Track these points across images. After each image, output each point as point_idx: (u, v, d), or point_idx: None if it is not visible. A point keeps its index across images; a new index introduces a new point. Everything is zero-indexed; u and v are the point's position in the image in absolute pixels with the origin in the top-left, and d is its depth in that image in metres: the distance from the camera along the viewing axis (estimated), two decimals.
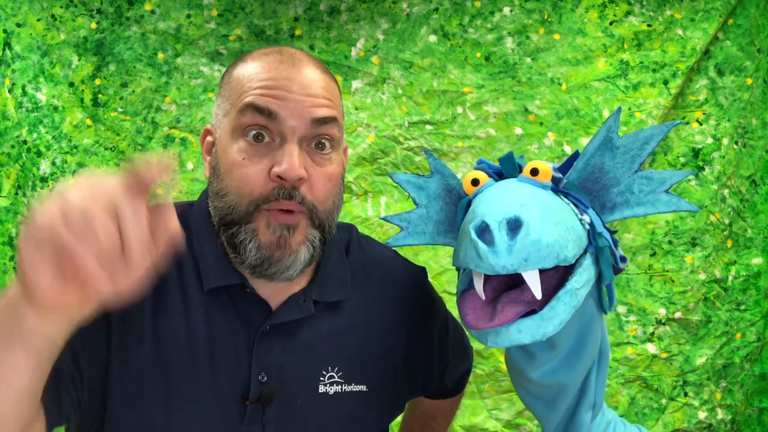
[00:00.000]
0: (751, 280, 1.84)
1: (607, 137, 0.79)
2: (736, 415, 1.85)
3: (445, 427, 1.16)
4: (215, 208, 0.79)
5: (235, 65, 0.82)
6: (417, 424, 1.15)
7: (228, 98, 0.79)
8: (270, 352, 0.80)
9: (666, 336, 1.82)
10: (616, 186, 0.79)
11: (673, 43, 1.82)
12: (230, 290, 0.81)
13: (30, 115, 1.74)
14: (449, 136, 1.82)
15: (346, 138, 1.81)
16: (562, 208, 0.73)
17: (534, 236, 0.64)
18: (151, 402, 0.77)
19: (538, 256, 0.64)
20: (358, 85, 1.84)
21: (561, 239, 0.66)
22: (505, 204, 0.69)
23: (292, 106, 0.74)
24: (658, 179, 0.78)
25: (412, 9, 1.83)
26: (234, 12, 1.81)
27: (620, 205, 0.79)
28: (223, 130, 0.79)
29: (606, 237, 0.76)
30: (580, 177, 0.80)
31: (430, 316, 0.97)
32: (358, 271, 0.91)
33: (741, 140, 1.85)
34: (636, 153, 0.78)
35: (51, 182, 1.74)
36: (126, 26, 1.78)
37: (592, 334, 0.80)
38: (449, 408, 1.14)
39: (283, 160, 0.73)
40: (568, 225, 0.70)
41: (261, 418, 0.78)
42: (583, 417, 0.83)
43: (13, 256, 1.76)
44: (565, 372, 0.79)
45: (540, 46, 1.82)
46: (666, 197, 0.77)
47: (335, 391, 0.83)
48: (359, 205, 1.82)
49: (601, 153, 0.79)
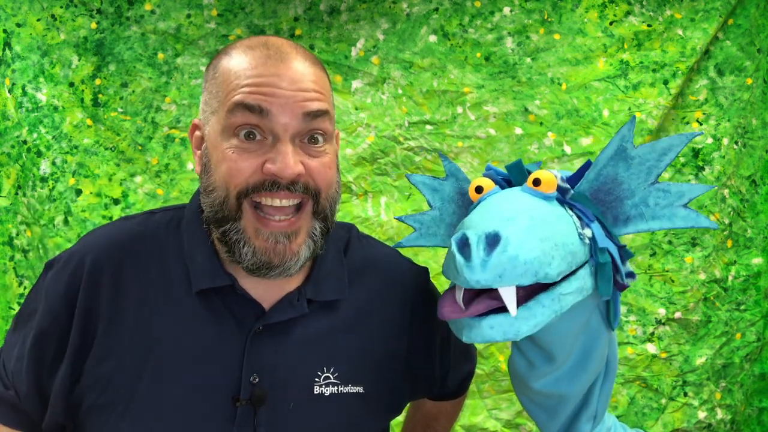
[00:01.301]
0: (751, 280, 1.84)
1: (621, 147, 0.76)
2: (735, 415, 1.85)
3: (448, 428, 1.15)
4: (206, 204, 0.78)
5: (220, 58, 0.79)
6: (419, 426, 1.14)
7: (215, 95, 0.77)
8: (262, 353, 0.79)
9: (666, 336, 1.82)
10: (630, 198, 0.76)
11: (673, 43, 1.82)
12: (220, 291, 0.80)
13: (30, 115, 1.74)
14: (449, 136, 1.82)
15: (346, 138, 1.81)
16: (559, 221, 0.72)
17: (511, 252, 0.64)
18: (140, 405, 0.76)
19: (514, 273, 0.65)
20: (358, 85, 1.84)
21: (544, 256, 0.66)
22: (491, 218, 0.69)
23: (283, 103, 0.73)
24: (675, 192, 0.74)
25: (412, 9, 1.83)
26: (234, 12, 1.81)
27: (634, 218, 0.76)
28: (213, 128, 0.77)
29: (611, 252, 0.74)
30: (592, 188, 0.77)
31: (432, 317, 0.94)
32: (358, 270, 0.89)
33: (741, 140, 1.85)
34: (653, 164, 0.75)
35: (51, 182, 1.74)
36: (126, 26, 1.78)
37: (598, 348, 0.79)
38: (452, 410, 1.12)
39: (277, 159, 0.72)
40: (558, 241, 0.69)
41: (253, 419, 0.77)
42: (582, 427, 0.82)
43: (13, 256, 1.76)
44: (567, 384, 0.79)
45: (540, 46, 1.82)
46: (684, 212, 0.74)
47: (331, 392, 0.82)
48: (359, 205, 1.82)
49: (615, 163, 0.76)
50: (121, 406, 0.76)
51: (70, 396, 0.78)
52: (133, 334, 0.78)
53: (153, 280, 0.80)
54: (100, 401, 0.77)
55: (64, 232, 1.72)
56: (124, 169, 1.78)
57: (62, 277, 0.80)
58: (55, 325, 0.78)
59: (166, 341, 0.78)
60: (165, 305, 0.79)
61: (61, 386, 0.78)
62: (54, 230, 1.72)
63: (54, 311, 0.79)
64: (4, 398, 0.83)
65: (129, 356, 0.77)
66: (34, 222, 1.75)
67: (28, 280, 1.76)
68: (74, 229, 1.72)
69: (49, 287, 0.80)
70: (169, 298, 0.79)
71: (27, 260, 1.76)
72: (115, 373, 0.77)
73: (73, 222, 1.72)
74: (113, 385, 0.77)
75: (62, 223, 1.73)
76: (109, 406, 0.77)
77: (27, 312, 0.83)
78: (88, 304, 0.78)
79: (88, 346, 0.78)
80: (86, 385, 0.78)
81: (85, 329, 0.78)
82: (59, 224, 1.73)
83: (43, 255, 1.73)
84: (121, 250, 0.81)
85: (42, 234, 1.73)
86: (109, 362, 0.77)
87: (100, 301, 0.78)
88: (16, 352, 0.82)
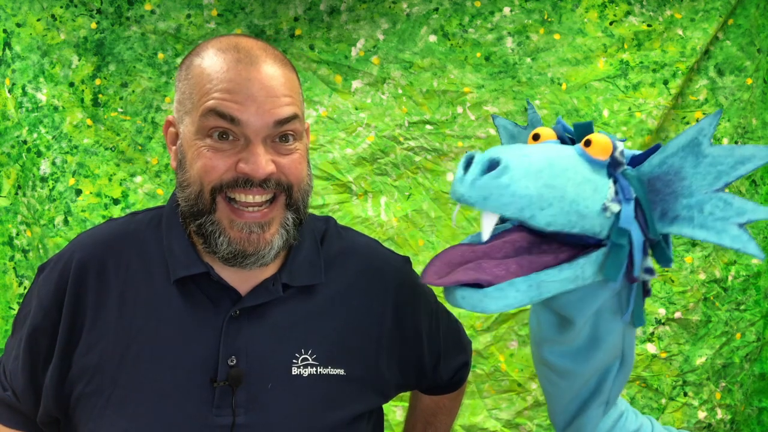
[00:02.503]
0: (751, 280, 1.85)
1: (696, 140, 0.69)
2: (735, 415, 1.85)
3: (448, 424, 1.16)
4: (181, 198, 0.82)
5: (192, 59, 0.82)
6: (419, 423, 1.15)
7: (189, 96, 0.80)
8: (239, 336, 0.82)
9: (666, 336, 1.82)
10: (687, 197, 0.70)
11: (673, 43, 1.82)
12: (197, 280, 0.83)
13: (30, 115, 1.74)
14: (449, 136, 1.82)
15: (346, 138, 1.81)
16: (585, 183, 0.68)
17: (504, 180, 0.63)
18: (123, 391, 0.80)
19: (500, 201, 0.64)
20: (358, 85, 1.84)
21: (539, 198, 0.64)
22: (513, 150, 0.67)
23: (254, 110, 0.76)
24: (737, 207, 0.67)
25: (412, 9, 1.83)
26: (234, 12, 1.81)
27: (682, 220, 0.69)
28: (187, 127, 0.80)
29: (632, 238, 0.70)
30: (653, 173, 0.72)
31: (416, 304, 0.98)
32: (335, 259, 0.92)
33: (741, 140, 1.85)
34: (725, 170, 0.68)
35: (51, 182, 1.74)
36: (126, 26, 1.78)
37: (609, 336, 0.77)
38: (450, 405, 1.14)
39: (249, 159, 0.76)
40: (568, 195, 0.66)
41: (231, 400, 0.80)
42: (593, 411, 0.82)
43: (13, 256, 1.76)
44: (572, 363, 0.79)
45: (540, 46, 1.82)
46: (737, 231, 0.66)
47: (310, 373, 0.84)
48: (359, 205, 1.82)
49: (684, 155, 0.70)
50: (106, 393, 0.80)
51: (61, 387, 0.82)
52: (116, 325, 0.82)
53: (134, 274, 0.84)
54: (87, 390, 0.81)
55: (64, 232, 1.72)
56: (124, 169, 1.78)
57: (53, 276, 0.85)
58: (47, 321, 0.83)
59: (146, 329, 0.82)
60: (145, 295, 0.83)
61: (51, 378, 0.82)
62: (54, 230, 1.72)
63: (45, 307, 0.84)
64: (3, 399, 0.87)
65: (112, 345, 0.81)
66: (34, 222, 1.75)
67: (28, 280, 1.76)
68: (74, 229, 1.72)
69: (40, 287, 0.86)
70: (149, 288, 0.84)
71: (27, 260, 1.76)
72: (100, 362, 0.81)
73: (73, 222, 1.72)
74: (99, 374, 0.81)
75: (62, 223, 1.73)
76: (95, 394, 0.81)
77: (22, 315, 0.88)
78: (75, 299, 0.83)
79: (76, 338, 0.82)
80: (75, 375, 0.82)
81: (73, 322, 0.83)
82: (59, 224, 1.73)
83: (43, 255, 1.74)
84: (105, 247, 0.86)
85: (42, 234, 1.73)
86: (95, 352, 0.81)
87: (86, 295, 0.83)
88: (14, 353, 0.87)
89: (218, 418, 0.80)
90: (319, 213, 1.80)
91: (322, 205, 1.81)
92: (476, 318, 1.81)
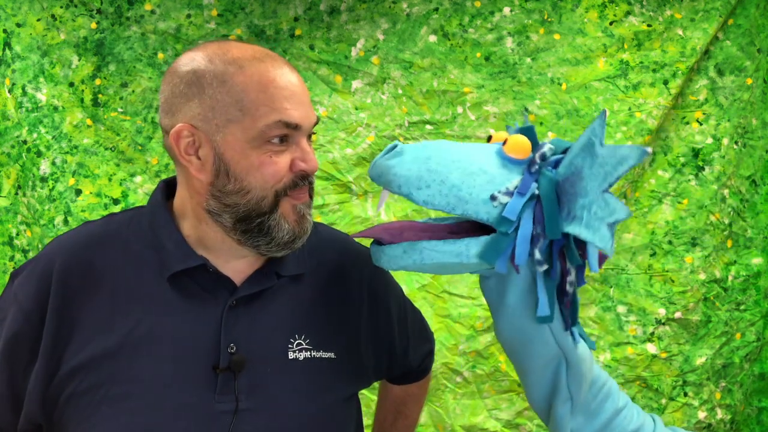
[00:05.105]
0: (751, 280, 1.85)
1: (590, 141, 0.73)
2: (735, 415, 1.85)
3: (417, 412, 1.24)
4: (232, 205, 0.84)
5: (225, 69, 0.82)
6: (390, 414, 1.21)
7: (233, 104, 0.81)
8: (237, 324, 0.85)
9: (666, 336, 1.82)
10: (583, 197, 0.73)
11: (673, 43, 1.82)
12: (192, 273, 0.85)
13: (30, 115, 1.74)
14: (449, 136, 1.82)
15: (346, 138, 1.82)
16: (478, 174, 0.76)
17: (391, 162, 0.78)
18: (121, 385, 0.81)
19: (386, 178, 0.78)
20: (358, 85, 1.84)
21: (417, 180, 0.76)
22: (422, 142, 0.81)
23: (305, 114, 0.84)
24: (611, 208, 0.71)
25: (412, 9, 1.83)
26: (234, 12, 1.81)
27: (576, 220, 0.73)
28: (233, 136, 0.81)
29: (520, 229, 0.74)
30: (566, 174, 0.76)
31: (387, 293, 1.04)
32: (314, 250, 0.96)
33: (741, 140, 1.85)
34: (609, 170, 0.71)
35: (51, 182, 1.74)
36: (126, 26, 1.78)
37: (534, 334, 0.83)
38: (418, 392, 1.21)
39: (306, 158, 0.84)
40: (449, 180, 0.76)
41: (233, 386, 0.83)
42: (559, 410, 0.86)
43: (13, 256, 1.76)
44: (500, 334, 0.87)
45: (540, 46, 1.82)
46: (606, 232, 0.71)
47: (305, 356, 0.88)
48: (359, 205, 1.82)
49: (584, 156, 0.74)
50: (101, 391, 0.80)
51: (47, 390, 0.82)
52: (110, 321, 0.83)
53: (124, 271, 0.85)
54: (79, 389, 0.81)
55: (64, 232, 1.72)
56: (124, 169, 1.79)
57: (31, 281, 0.85)
58: (28, 326, 0.83)
59: (143, 323, 0.83)
60: (137, 291, 0.84)
61: (36, 381, 0.81)
62: (54, 230, 1.72)
63: (26, 311, 0.83)
64: None
65: (108, 342, 0.82)
66: (34, 222, 1.75)
67: None
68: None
69: (17, 292, 0.85)
70: (142, 284, 0.85)
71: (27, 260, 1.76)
72: (93, 359, 0.81)
73: (73, 222, 1.72)
74: (93, 372, 0.81)
75: (62, 223, 1.73)
76: (88, 392, 0.80)
77: None
78: (60, 301, 0.83)
79: (64, 339, 0.82)
80: (64, 375, 0.81)
81: (60, 324, 0.82)
82: (59, 224, 1.73)
83: None
84: (87, 249, 0.87)
85: (42, 234, 1.73)
86: (87, 351, 0.81)
87: (73, 296, 0.83)
88: None
89: (221, 405, 0.82)
90: (319, 213, 1.81)
91: (322, 205, 1.81)
92: (476, 318, 1.81)
